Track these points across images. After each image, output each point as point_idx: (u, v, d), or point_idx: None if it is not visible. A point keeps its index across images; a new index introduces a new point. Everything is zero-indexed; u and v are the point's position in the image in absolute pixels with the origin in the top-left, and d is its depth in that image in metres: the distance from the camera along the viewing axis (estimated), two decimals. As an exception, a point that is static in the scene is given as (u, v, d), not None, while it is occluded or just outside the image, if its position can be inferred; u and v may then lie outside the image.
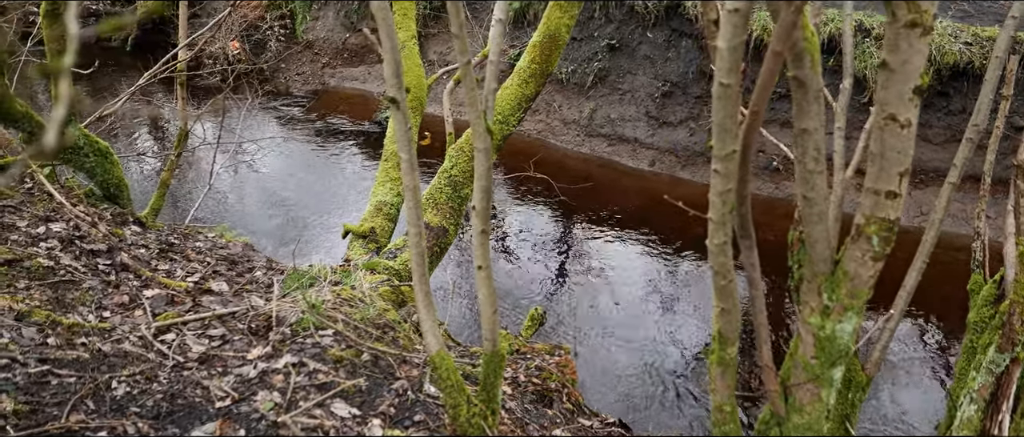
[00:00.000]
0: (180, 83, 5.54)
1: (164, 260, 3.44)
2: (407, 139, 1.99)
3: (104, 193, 4.12)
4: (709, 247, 1.60)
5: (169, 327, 2.53)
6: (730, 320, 1.73)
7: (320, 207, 8.92)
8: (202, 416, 2.02)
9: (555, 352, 3.51)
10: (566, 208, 8.86)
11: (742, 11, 1.29)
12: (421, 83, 5.42)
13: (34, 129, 3.60)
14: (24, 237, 3.16)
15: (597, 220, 8.68)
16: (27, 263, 2.89)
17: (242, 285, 3.29)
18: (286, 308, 2.69)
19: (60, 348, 2.27)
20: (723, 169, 1.46)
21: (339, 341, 2.53)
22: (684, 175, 9.73)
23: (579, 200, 8.95)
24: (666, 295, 7.39)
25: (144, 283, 3.02)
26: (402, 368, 2.54)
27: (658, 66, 10.15)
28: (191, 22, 13.76)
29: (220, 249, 4.04)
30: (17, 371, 2.07)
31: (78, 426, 1.87)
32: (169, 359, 2.30)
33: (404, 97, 1.96)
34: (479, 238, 1.94)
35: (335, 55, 12.66)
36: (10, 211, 3.38)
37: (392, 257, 4.39)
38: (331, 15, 12.85)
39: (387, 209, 4.92)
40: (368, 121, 11.15)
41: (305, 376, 2.28)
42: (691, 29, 9.83)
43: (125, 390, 2.08)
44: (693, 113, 9.88)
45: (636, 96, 10.25)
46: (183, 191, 9.06)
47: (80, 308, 2.68)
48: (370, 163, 10.03)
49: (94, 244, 3.26)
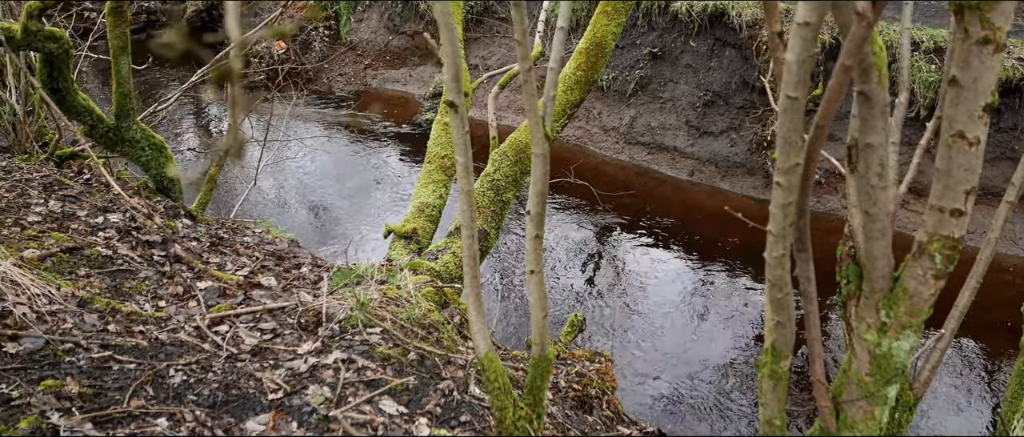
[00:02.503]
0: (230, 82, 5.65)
1: (215, 253, 3.53)
2: (465, 143, 2.02)
3: (157, 186, 4.23)
4: (767, 259, 1.60)
5: (222, 319, 2.60)
6: (785, 333, 1.72)
7: (359, 206, 9.03)
8: (256, 407, 2.07)
9: (595, 359, 3.51)
10: (603, 215, 8.85)
11: (813, 25, 1.29)
12: (466, 87, 5.46)
13: (94, 122, 3.72)
14: (84, 226, 3.27)
15: (634, 228, 8.64)
16: (87, 251, 2.99)
17: (290, 280, 3.36)
18: (334, 305, 2.74)
19: (120, 335, 2.34)
20: (786, 182, 1.46)
21: (386, 339, 2.57)
22: (724, 186, 9.65)
23: (617, 208, 8.93)
24: (702, 305, 7.33)
25: (197, 275, 3.09)
26: (447, 368, 2.57)
27: (700, 75, 10.09)
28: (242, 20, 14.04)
29: (267, 244, 4.11)
30: (81, 355, 2.14)
31: (139, 411, 1.93)
32: (223, 350, 2.36)
33: (463, 101, 1.99)
34: (533, 243, 1.96)
35: (377, 57, 12.81)
36: (70, 201, 3.49)
37: (433, 258, 4.43)
38: (375, 17, 13.00)
39: (429, 211, 4.97)
40: (408, 123, 11.26)
41: (354, 372, 2.32)
42: (735, 38, 9.76)
43: (182, 378, 2.14)
44: (735, 123, 9.79)
45: (677, 105, 10.20)
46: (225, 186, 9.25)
47: (137, 297, 2.76)
48: (409, 165, 10.13)
49: (149, 235, 3.35)
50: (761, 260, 5.56)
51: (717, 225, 8.80)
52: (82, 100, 3.57)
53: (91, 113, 3.63)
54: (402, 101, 12.04)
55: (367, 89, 12.51)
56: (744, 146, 9.65)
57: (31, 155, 4.48)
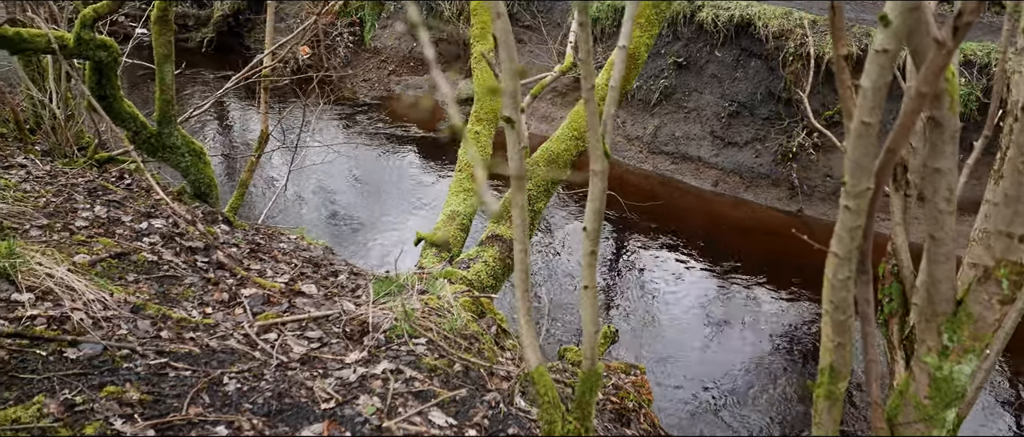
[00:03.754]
0: (264, 87, 5.72)
1: (255, 260, 3.57)
2: (519, 158, 2.04)
3: (195, 191, 4.28)
4: (831, 282, 1.60)
5: (270, 327, 2.63)
6: (844, 355, 1.72)
7: (382, 212, 9.08)
8: (309, 416, 2.09)
9: (631, 371, 3.51)
10: (627, 225, 8.84)
11: (891, 53, 1.30)
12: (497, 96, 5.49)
13: (138, 128, 3.77)
14: (129, 231, 3.32)
15: (658, 238, 8.63)
16: (133, 257, 3.04)
17: (329, 288, 3.39)
18: (378, 314, 2.76)
19: (173, 341, 2.38)
20: (855, 206, 1.46)
21: (432, 350, 2.59)
22: (748, 196, 9.62)
23: (640, 217, 8.92)
24: (725, 315, 7.30)
25: (240, 282, 3.13)
26: (492, 380, 2.58)
27: (725, 85, 10.07)
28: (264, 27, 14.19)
29: (302, 251, 4.15)
30: (138, 362, 2.17)
31: (198, 418, 1.96)
32: (273, 358, 2.39)
33: (520, 118, 2.00)
34: (588, 258, 1.97)
35: (401, 63, 12.89)
36: (115, 206, 3.55)
37: (466, 267, 4.45)
38: (399, 24, 13.09)
39: (460, 219, 4.99)
40: (432, 130, 11.31)
41: (402, 383, 2.34)
42: (761, 49, 9.73)
43: (236, 386, 2.17)
44: (760, 134, 9.76)
45: (702, 115, 10.18)
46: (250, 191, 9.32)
47: (184, 303, 2.80)
48: (432, 170, 10.17)
49: (192, 241, 3.40)
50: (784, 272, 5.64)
51: (741, 236, 8.77)
52: (127, 107, 3.63)
53: (135, 119, 3.69)
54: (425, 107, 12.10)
55: (391, 95, 12.58)
56: (769, 157, 9.61)
57: (71, 159, 4.55)
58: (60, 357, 2.11)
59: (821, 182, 9.30)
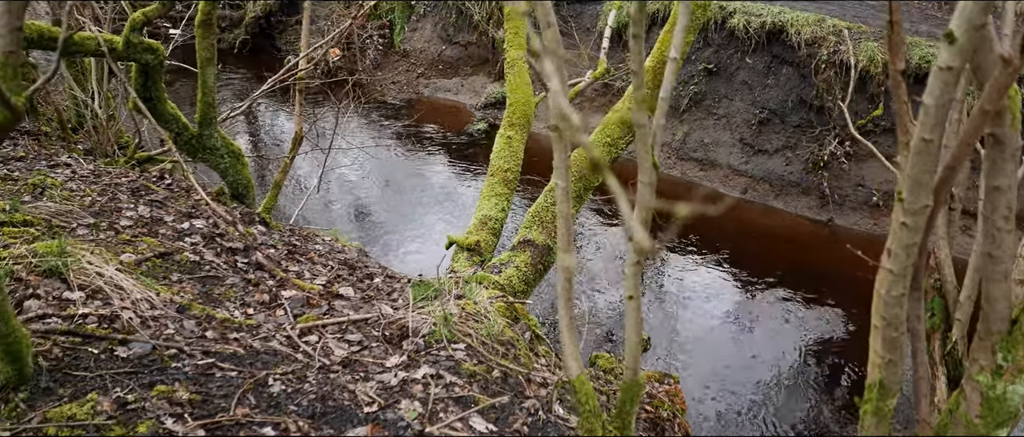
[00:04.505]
0: (299, 90, 5.78)
1: (292, 261, 3.61)
2: (565, 167, 2.04)
3: (233, 192, 4.34)
4: (884, 298, 1.59)
5: (311, 329, 2.66)
6: (895, 372, 1.71)
7: (411, 215, 9.13)
8: (353, 419, 2.11)
9: (664, 380, 3.50)
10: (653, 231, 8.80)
11: (955, 70, 1.29)
12: (529, 101, 5.51)
13: (180, 129, 3.84)
14: (171, 231, 3.37)
15: (684, 245, 8.59)
16: (176, 257, 3.09)
17: (366, 291, 3.42)
18: (417, 318, 2.78)
19: (218, 342, 2.41)
20: (912, 223, 1.45)
21: (471, 355, 2.61)
22: (777, 205, 9.54)
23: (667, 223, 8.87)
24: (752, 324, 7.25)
25: (280, 283, 3.17)
26: (530, 387, 2.59)
27: (756, 92, 9.99)
28: (295, 28, 14.34)
29: (338, 253, 4.19)
30: (186, 362, 2.21)
31: (245, 419, 1.99)
32: (315, 361, 2.42)
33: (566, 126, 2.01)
34: (633, 268, 1.97)
35: (430, 66, 12.95)
36: (157, 205, 3.61)
37: (497, 272, 4.46)
38: (429, 27, 13.16)
39: (491, 223, 5.00)
40: (460, 132, 11.35)
41: (442, 388, 2.36)
42: (793, 56, 9.64)
43: (280, 388, 2.20)
44: (790, 142, 9.67)
45: (731, 121, 10.11)
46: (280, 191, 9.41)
47: (227, 303, 2.85)
48: (459, 174, 10.21)
49: (232, 242, 3.45)
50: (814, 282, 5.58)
51: (769, 244, 8.70)
52: (171, 108, 3.69)
53: (178, 121, 3.75)
54: (454, 110, 12.15)
55: (419, 97, 12.65)
56: (800, 165, 9.52)
57: (112, 158, 4.64)
58: (111, 355, 2.16)
59: (852, 192, 9.19)
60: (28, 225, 2.86)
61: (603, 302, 7.42)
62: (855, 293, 7.74)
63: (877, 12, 10.75)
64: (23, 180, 3.45)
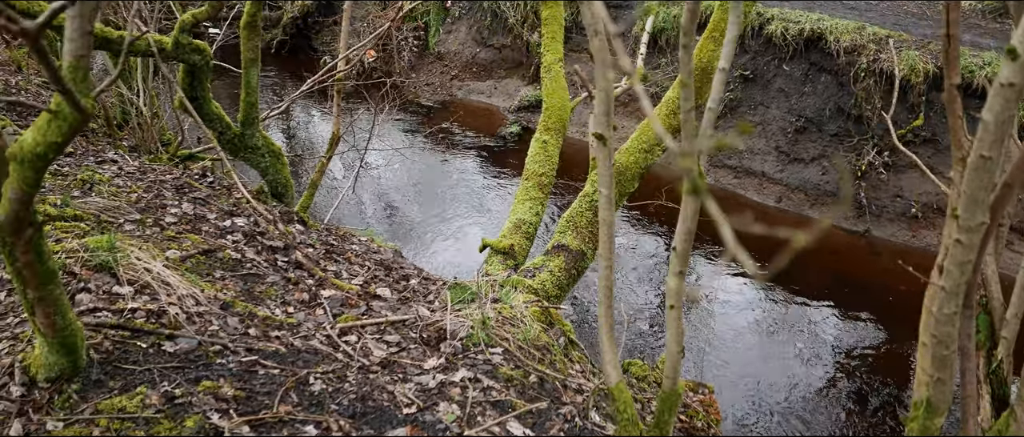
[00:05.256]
0: (337, 91, 5.84)
1: (330, 261, 3.65)
2: (609, 176, 2.05)
3: (272, 191, 4.41)
4: (935, 315, 1.57)
5: (350, 329, 2.69)
6: (943, 391, 1.68)
7: (442, 217, 9.17)
8: (392, 420, 2.13)
9: (699, 390, 3.48)
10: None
11: (1017, 87, 1.27)
12: (565, 106, 5.51)
13: (223, 129, 3.90)
14: (214, 229, 3.43)
15: (715, 253, 8.51)
16: (219, 254, 3.14)
17: (402, 292, 3.45)
18: (454, 321, 2.80)
19: (260, 339, 2.45)
20: (967, 240, 1.43)
21: (507, 360, 2.62)
22: (812, 214, 9.41)
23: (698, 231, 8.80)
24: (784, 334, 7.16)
25: (319, 282, 3.21)
26: (566, 393, 2.59)
27: (793, 100, 9.88)
28: (331, 29, 14.49)
29: (373, 254, 4.23)
30: (230, 358, 2.25)
31: (288, 416, 2.03)
32: (354, 361, 2.45)
33: (611, 135, 2.02)
34: (676, 279, 1.97)
35: (464, 68, 13.01)
36: (200, 203, 3.68)
37: (531, 276, 4.47)
38: (463, 29, 13.22)
39: (525, 227, 5.01)
40: (492, 135, 11.39)
41: (480, 392, 2.37)
42: (831, 64, 9.52)
43: (321, 386, 2.23)
44: (827, 151, 9.54)
45: (767, 129, 10.01)
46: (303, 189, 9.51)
47: (267, 302, 2.89)
48: (491, 177, 10.23)
49: (272, 241, 3.50)
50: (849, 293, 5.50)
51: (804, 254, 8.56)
52: (215, 108, 3.76)
53: (221, 120, 3.82)
54: (487, 113, 12.19)
55: (452, 99, 12.71)
56: (836, 175, 9.39)
57: (155, 154, 4.73)
58: (158, 350, 2.21)
59: (890, 203, 9.04)
60: (78, 220, 2.94)
61: (634, 308, 7.39)
62: (892, 306, 7.61)
63: (918, 20, 10.57)
64: (72, 175, 3.54)
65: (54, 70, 1.04)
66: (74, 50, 1.18)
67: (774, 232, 0.73)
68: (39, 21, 0.91)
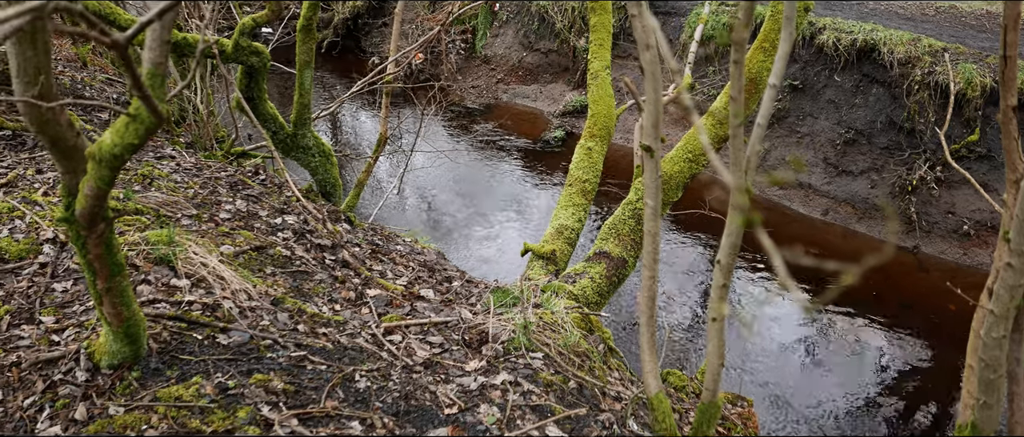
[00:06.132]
0: (386, 92, 5.95)
1: (376, 261, 3.73)
2: (656, 187, 2.07)
3: (321, 190, 4.51)
4: (984, 339, 1.56)
5: (395, 328, 2.75)
6: (990, 416, 1.66)
7: (484, 220, 9.24)
8: (434, 420, 2.18)
9: (737, 402, 3.46)
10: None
11: (1074, 112, 1.26)
12: (611, 113, 5.52)
13: (277, 128, 4.02)
14: (265, 226, 3.54)
15: (757, 264, 8.42)
16: (270, 251, 3.24)
17: (445, 294, 3.51)
18: (496, 325, 2.84)
19: (308, 335, 2.53)
20: (1018, 264, 1.42)
21: (548, 365, 2.65)
22: (859, 228, 9.24)
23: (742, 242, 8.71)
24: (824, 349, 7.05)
25: (364, 282, 3.29)
26: (605, 400, 2.61)
27: (842, 111, 9.72)
28: (380, 30, 14.71)
29: (417, 255, 4.30)
30: (280, 353, 2.33)
31: (334, 412, 2.09)
32: (398, 360, 2.51)
33: (660, 147, 2.04)
34: (720, 291, 1.98)
35: (510, 72, 13.08)
36: (253, 200, 3.79)
37: (571, 282, 4.49)
38: (510, 33, 13.30)
39: (568, 233, 5.03)
40: (536, 139, 11.43)
41: (520, 395, 2.41)
42: (884, 76, 9.34)
43: (366, 384, 2.29)
44: (876, 164, 9.36)
45: (816, 140, 9.86)
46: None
47: (315, 298, 2.97)
48: (533, 181, 10.27)
49: (320, 239, 3.59)
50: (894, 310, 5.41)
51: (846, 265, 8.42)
52: (270, 108, 3.87)
53: (275, 120, 3.93)
54: (531, 117, 12.24)
55: (497, 103, 12.79)
56: (885, 188, 9.20)
57: (210, 151, 4.88)
58: (213, 342, 2.29)
59: (941, 219, 8.82)
60: (139, 213, 3.06)
61: (674, 317, 7.35)
62: (940, 325, 7.44)
63: (976, 33, 10.30)
64: (133, 170, 3.67)
65: (137, 77, 1.10)
66: (153, 58, 1.25)
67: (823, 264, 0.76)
68: (128, 34, 0.98)
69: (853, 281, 0.93)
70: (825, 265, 1.10)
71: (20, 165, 3.47)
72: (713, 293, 2.01)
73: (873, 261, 0.81)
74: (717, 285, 2.00)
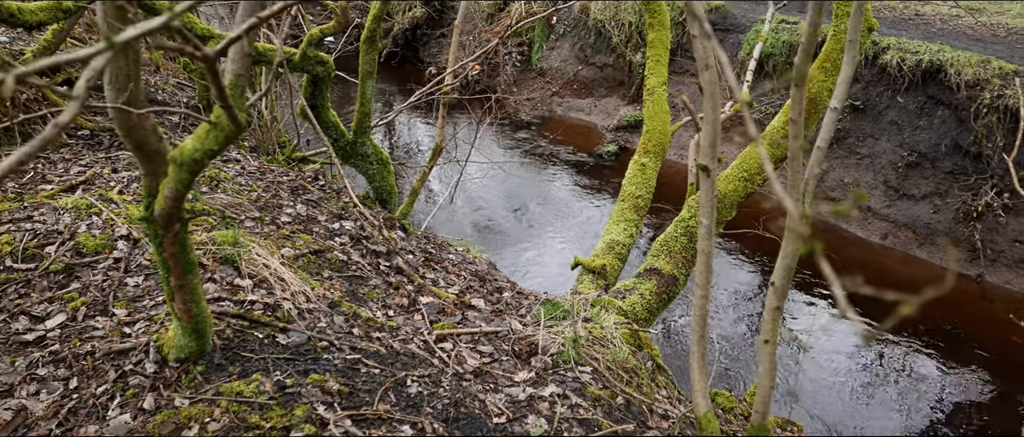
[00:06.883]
0: (443, 103, 6.04)
1: (429, 269, 3.80)
2: (711, 206, 2.07)
3: (378, 197, 4.61)
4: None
5: (446, 336, 2.80)
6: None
7: (534, 232, 9.27)
8: (483, 428, 2.22)
9: (787, 427, 3.41)
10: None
11: None
12: (666, 130, 5.50)
13: (338, 136, 4.13)
14: (323, 230, 3.64)
15: (812, 288, 8.24)
16: (328, 255, 3.33)
17: (495, 304, 3.55)
18: (546, 337, 2.87)
19: (362, 339, 2.60)
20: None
21: (596, 379, 2.66)
22: (920, 254, 8.97)
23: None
24: (886, 382, 6.86)
25: (417, 289, 3.35)
26: (652, 417, 2.61)
27: (905, 133, 9.47)
28: (438, 41, 14.93)
29: (469, 264, 4.36)
30: (336, 354, 2.40)
31: (386, 415, 2.14)
32: (449, 367, 2.55)
33: (716, 166, 2.05)
34: (773, 314, 1.97)
35: (565, 85, 13.12)
36: (312, 205, 3.90)
37: (621, 297, 4.49)
38: (566, 47, 13.35)
39: (619, 248, 5.03)
40: (589, 153, 11.43)
41: (568, 408, 2.43)
42: (951, 98, 9.07)
43: (417, 389, 2.34)
44: (940, 189, 9.09)
45: (876, 162, 9.62)
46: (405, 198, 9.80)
47: (370, 303, 3.04)
48: (586, 195, 10.27)
49: (376, 245, 3.67)
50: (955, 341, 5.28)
51: (907, 295, 8.18)
52: (332, 116, 3.98)
53: (337, 128, 4.04)
54: (585, 130, 12.25)
55: (551, 115, 12.84)
56: (949, 214, 8.92)
57: (273, 156, 5.03)
58: (273, 341, 2.38)
59: (1008, 247, 8.51)
60: (206, 214, 3.19)
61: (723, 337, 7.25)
62: (1003, 358, 7.17)
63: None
64: (201, 172, 3.82)
65: (222, 88, 1.17)
66: (235, 70, 1.33)
67: (882, 294, 0.77)
68: (217, 49, 1.05)
69: (912, 311, 0.93)
70: (885, 295, 1.10)
71: (97, 164, 3.64)
72: (766, 315, 2.01)
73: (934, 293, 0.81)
74: (770, 307, 2.00)
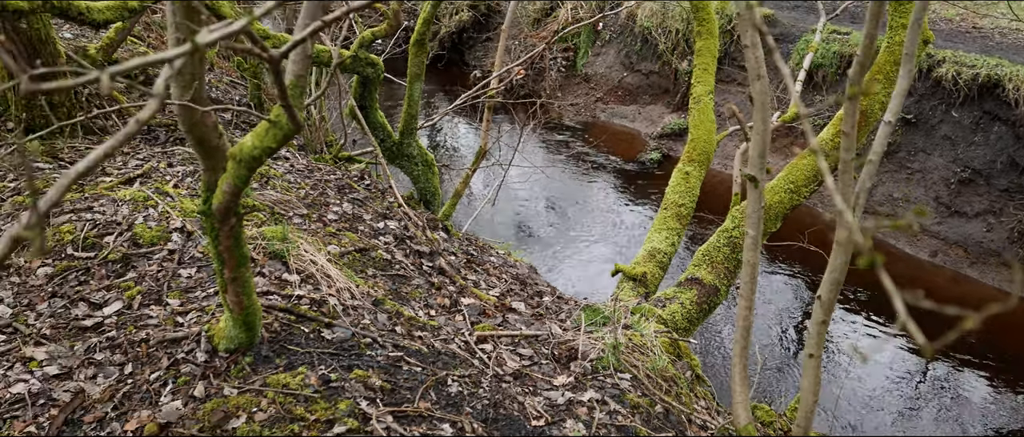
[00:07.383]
0: (488, 107, 6.09)
1: (470, 270, 3.83)
2: (758, 217, 2.06)
3: (422, 198, 4.66)
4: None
5: (486, 338, 2.83)
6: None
7: (574, 237, 9.26)
8: (521, 430, 2.24)
9: (828, 444, 3.35)
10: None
11: None
12: (711, 139, 5.46)
13: (385, 137, 4.19)
14: (368, 229, 3.70)
15: (857, 303, 8.08)
16: (372, 253, 3.39)
17: (536, 308, 3.56)
18: (586, 342, 2.88)
19: (405, 337, 2.64)
20: None
21: (635, 387, 2.66)
22: (970, 273, 8.73)
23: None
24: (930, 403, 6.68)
25: (459, 290, 3.39)
26: (690, 427, 2.60)
27: (959, 149, 9.22)
28: (484, 45, 15.02)
29: (510, 267, 4.39)
30: (379, 351, 2.44)
31: (427, 413, 2.18)
32: (489, 369, 2.58)
33: (764, 177, 2.03)
34: (819, 327, 1.95)
35: (609, 91, 13.09)
36: (358, 204, 3.97)
37: (661, 306, 4.46)
38: (612, 53, 13.31)
39: (660, 256, 5.00)
40: (632, 160, 11.38)
41: (606, 414, 2.43)
42: (1008, 114, 8.81)
43: (457, 389, 2.37)
44: (994, 206, 8.83)
45: (927, 178, 9.39)
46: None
47: (412, 302, 3.09)
48: (628, 202, 10.23)
49: (419, 245, 3.72)
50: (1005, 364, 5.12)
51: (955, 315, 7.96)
52: (380, 117, 4.05)
53: (384, 129, 4.11)
54: (628, 137, 12.19)
55: (595, 121, 12.82)
56: (1003, 233, 8.66)
57: (320, 154, 5.13)
58: (318, 336, 2.43)
59: (1066, 269, 8.23)
60: (256, 210, 3.27)
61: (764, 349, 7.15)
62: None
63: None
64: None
65: (284, 88, 1.22)
66: (296, 71, 1.37)
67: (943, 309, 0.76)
68: (282, 50, 1.09)
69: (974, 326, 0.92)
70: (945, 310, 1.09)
71: (154, 158, 3.76)
72: (811, 329, 1.99)
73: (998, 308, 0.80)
74: (816, 321, 1.98)
